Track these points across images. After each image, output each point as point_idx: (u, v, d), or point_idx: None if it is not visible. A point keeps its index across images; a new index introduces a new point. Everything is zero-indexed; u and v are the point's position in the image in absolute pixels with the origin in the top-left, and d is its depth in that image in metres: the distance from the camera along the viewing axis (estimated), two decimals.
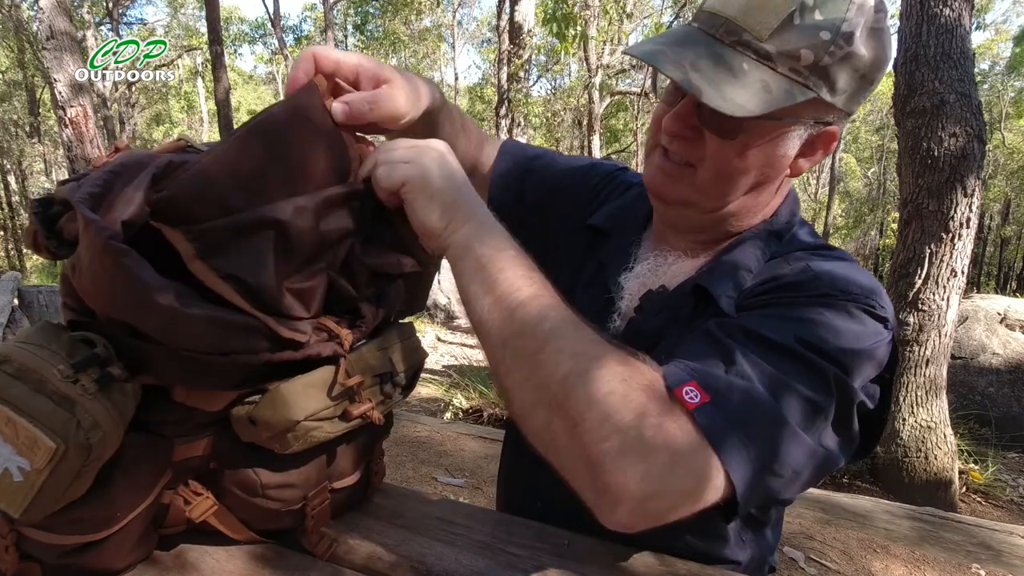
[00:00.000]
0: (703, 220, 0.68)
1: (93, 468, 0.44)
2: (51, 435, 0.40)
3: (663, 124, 0.63)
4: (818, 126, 0.60)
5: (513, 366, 0.50)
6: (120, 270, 0.40)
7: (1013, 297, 5.24)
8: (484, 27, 22.80)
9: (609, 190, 0.85)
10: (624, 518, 0.45)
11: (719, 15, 0.57)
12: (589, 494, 0.47)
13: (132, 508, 0.49)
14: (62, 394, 0.41)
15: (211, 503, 0.55)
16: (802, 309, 0.55)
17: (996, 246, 21.26)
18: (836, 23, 0.54)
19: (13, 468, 0.41)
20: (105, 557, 0.51)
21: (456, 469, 2.90)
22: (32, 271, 12.95)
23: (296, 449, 0.52)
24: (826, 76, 0.55)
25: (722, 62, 0.55)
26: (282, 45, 17.20)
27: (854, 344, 0.53)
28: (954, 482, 3.20)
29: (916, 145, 3.06)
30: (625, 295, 0.72)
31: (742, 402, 0.48)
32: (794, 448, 0.49)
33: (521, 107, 8.54)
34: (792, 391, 0.50)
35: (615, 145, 18.96)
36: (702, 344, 0.54)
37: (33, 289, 4.94)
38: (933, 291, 3.08)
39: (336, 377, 0.52)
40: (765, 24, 0.54)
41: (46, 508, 0.43)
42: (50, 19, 5.16)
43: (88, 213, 0.41)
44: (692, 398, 0.47)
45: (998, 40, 19.64)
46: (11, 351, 0.43)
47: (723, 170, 0.61)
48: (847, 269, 0.59)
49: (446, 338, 7.57)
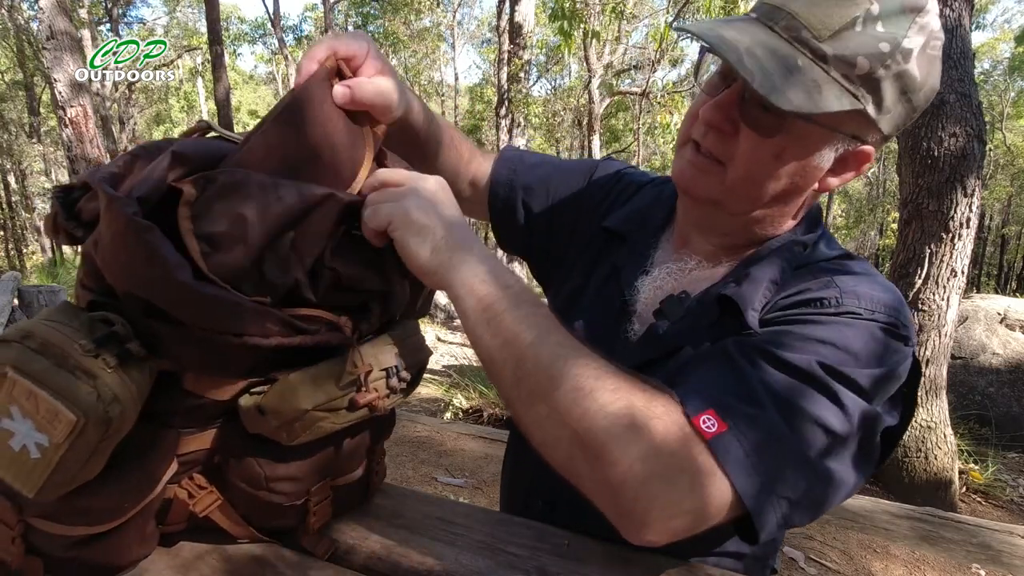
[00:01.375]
0: (728, 222, 0.67)
1: (109, 445, 0.44)
2: (72, 407, 0.40)
3: (701, 113, 0.61)
4: (855, 143, 0.59)
5: (529, 404, 0.51)
6: (142, 246, 0.41)
7: (1013, 297, 5.24)
8: (484, 27, 22.80)
9: (619, 190, 0.84)
10: (648, 536, 0.48)
11: (781, 9, 0.55)
12: (613, 517, 0.50)
13: (139, 499, 0.49)
14: (84, 367, 0.42)
15: (215, 497, 0.56)
16: (825, 328, 0.54)
17: (996, 246, 21.26)
18: (897, 38, 0.53)
19: (31, 444, 0.41)
20: (110, 550, 0.51)
21: (456, 469, 2.90)
22: (32, 271, 12.94)
23: (303, 440, 0.52)
24: (876, 90, 0.54)
25: (778, 54, 0.53)
26: (282, 45, 17.20)
27: (876, 367, 0.53)
28: (954, 482, 3.20)
29: (916, 145, 3.06)
30: (641, 298, 0.72)
31: (758, 431, 0.49)
32: (811, 478, 0.50)
33: (521, 107, 8.53)
34: (810, 420, 0.50)
35: (615, 145, 18.96)
36: (722, 368, 0.54)
37: (33, 289, 4.94)
38: (933, 291, 3.08)
39: (345, 367, 0.52)
40: (827, 24, 0.53)
41: (61, 487, 0.43)
42: (50, 19, 5.16)
43: (110, 190, 0.42)
44: (709, 427, 0.48)
45: (1000, 40, 19.62)
46: (34, 327, 0.43)
47: (754, 172, 0.60)
48: (872, 286, 0.58)
49: (446, 338, 7.57)
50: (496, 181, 0.87)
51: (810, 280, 0.61)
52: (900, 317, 0.56)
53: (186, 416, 0.52)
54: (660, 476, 0.47)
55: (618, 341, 0.72)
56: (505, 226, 0.89)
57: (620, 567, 0.58)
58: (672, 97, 8.51)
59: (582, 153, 15.15)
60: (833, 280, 0.59)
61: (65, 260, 10.32)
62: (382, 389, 0.56)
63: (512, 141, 8.66)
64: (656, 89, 9.33)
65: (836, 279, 0.59)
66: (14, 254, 18.06)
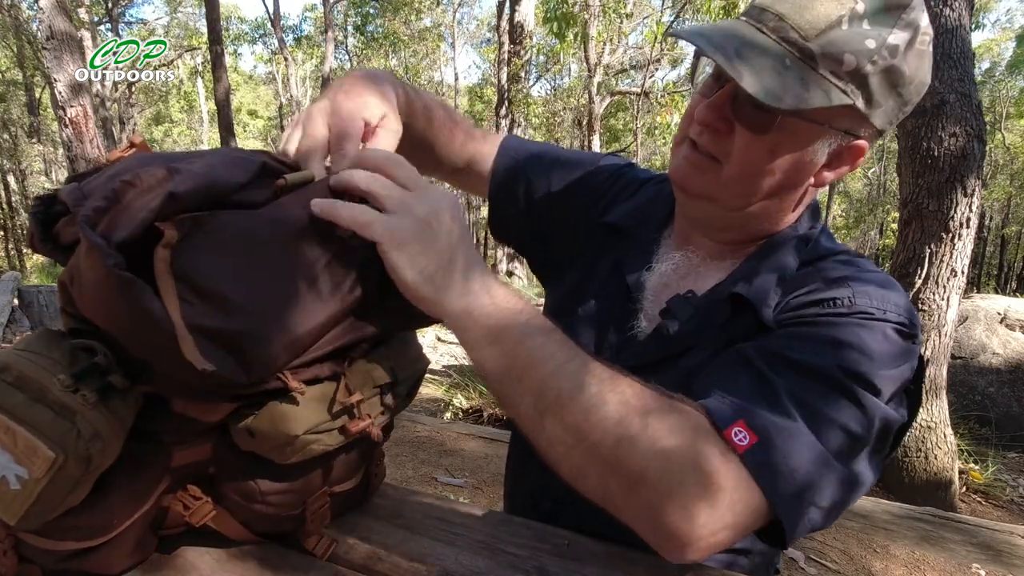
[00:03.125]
0: (725, 219, 0.67)
1: (92, 477, 0.43)
2: (51, 445, 0.39)
3: (696, 113, 0.63)
4: (848, 137, 0.60)
5: (556, 437, 0.50)
6: (125, 299, 0.39)
7: (1013, 297, 5.24)
8: (484, 27, 22.81)
9: (620, 187, 0.84)
10: (689, 555, 0.48)
11: (769, 11, 0.57)
12: (652, 538, 0.49)
13: (129, 515, 0.48)
14: (62, 404, 0.41)
15: (210, 508, 0.55)
16: (841, 330, 0.55)
17: (996, 246, 21.25)
18: (883, 34, 0.54)
19: (11, 476, 0.40)
20: (103, 561, 0.51)
21: (456, 469, 2.90)
22: (32, 271, 12.94)
23: (296, 460, 0.51)
24: (865, 85, 0.56)
25: (766, 54, 0.55)
26: (282, 45, 17.20)
27: (890, 368, 0.54)
28: (954, 482, 3.20)
29: (916, 145, 3.06)
30: (647, 295, 0.72)
31: (788, 441, 0.50)
32: (837, 483, 0.51)
33: (521, 107, 8.53)
34: (835, 425, 0.51)
35: (615, 145, 18.95)
36: (745, 376, 0.55)
37: (33, 289, 4.94)
38: (933, 291, 3.07)
39: (335, 395, 0.51)
40: (814, 24, 0.55)
41: (43, 516, 0.42)
42: (50, 19, 5.16)
43: (92, 236, 0.39)
44: (741, 440, 0.49)
45: (1000, 40, 19.61)
46: (11, 360, 0.42)
47: (748, 168, 0.61)
48: (881, 285, 0.60)
49: (446, 338, 7.56)
50: (498, 168, 0.87)
51: (819, 278, 0.62)
52: (911, 316, 0.58)
53: (176, 434, 0.50)
54: (700, 496, 0.47)
55: (624, 338, 0.72)
56: (503, 212, 0.88)
57: (621, 567, 0.58)
58: (672, 97, 8.51)
59: None
60: (845, 279, 0.60)
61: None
62: (376, 408, 0.55)
63: None
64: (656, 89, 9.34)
65: (847, 278, 0.60)
66: (14, 254, 18.05)
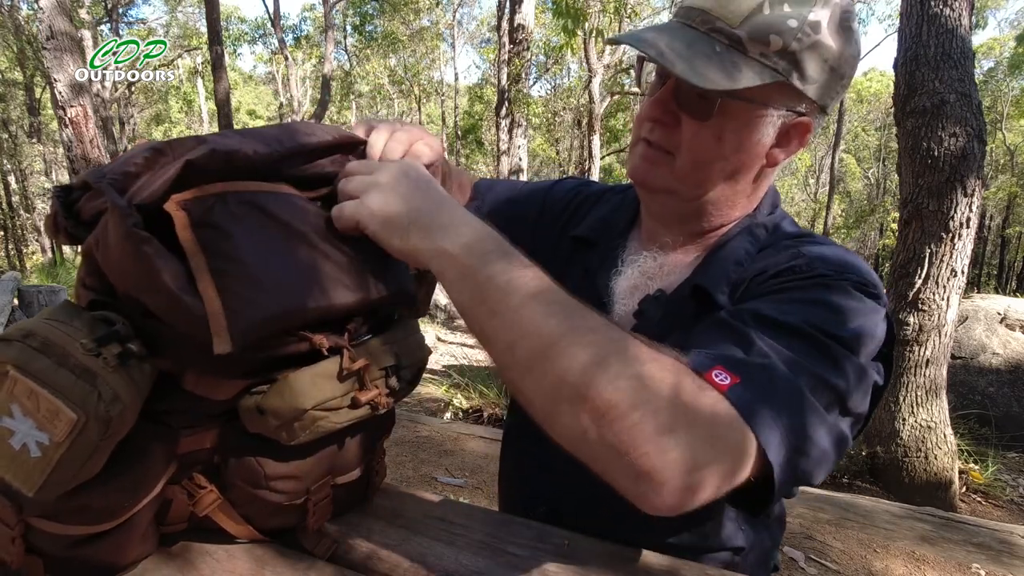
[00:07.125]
0: (686, 209, 0.70)
1: (109, 444, 0.44)
2: (72, 406, 0.41)
3: (644, 111, 0.67)
4: (791, 115, 0.63)
5: (525, 369, 0.47)
6: (140, 258, 0.41)
7: (1013, 297, 5.24)
8: (484, 27, 22.81)
9: (579, 202, 0.87)
10: (668, 499, 0.43)
11: (695, 7, 0.62)
12: (628, 482, 0.44)
13: (139, 498, 0.49)
14: (84, 367, 0.42)
15: (215, 497, 0.56)
16: (804, 292, 0.57)
17: (996, 246, 21.25)
18: (803, 13, 0.58)
19: (32, 443, 0.41)
20: (110, 550, 0.51)
21: (456, 469, 2.90)
22: (32, 271, 12.94)
23: (303, 439, 0.52)
24: (795, 62, 0.59)
25: (696, 45, 0.60)
26: (282, 45, 17.20)
27: (859, 324, 0.54)
28: (954, 482, 3.20)
29: (916, 145, 3.06)
30: (617, 299, 0.73)
31: (770, 382, 0.48)
32: (820, 428, 0.50)
33: (521, 107, 8.53)
34: (811, 374, 0.50)
35: (615, 145, 18.94)
36: (718, 332, 0.54)
37: (33, 289, 4.94)
38: (933, 291, 3.08)
39: (342, 364, 0.52)
40: (736, 12, 0.59)
41: (61, 485, 0.43)
42: (50, 19, 5.15)
43: (115, 197, 0.42)
44: (722, 380, 0.47)
45: (1004, 39, 19.60)
46: (35, 326, 0.43)
47: (700, 156, 0.64)
48: (836, 251, 0.62)
49: (446, 338, 7.57)
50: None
51: (778, 255, 0.64)
52: (869, 276, 0.59)
53: (186, 416, 0.52)
54: (677, 425, 0.43)
55: None
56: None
57: (621, 567, 0.58)
58: None
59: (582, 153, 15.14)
60: (799, 251, 0.63)
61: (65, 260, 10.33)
62: (382, 388, 0.56)
63: (512, 141, 8.67)
64: None
65: (803, 249, 0.63)
66: (14, 254, 18.05)
